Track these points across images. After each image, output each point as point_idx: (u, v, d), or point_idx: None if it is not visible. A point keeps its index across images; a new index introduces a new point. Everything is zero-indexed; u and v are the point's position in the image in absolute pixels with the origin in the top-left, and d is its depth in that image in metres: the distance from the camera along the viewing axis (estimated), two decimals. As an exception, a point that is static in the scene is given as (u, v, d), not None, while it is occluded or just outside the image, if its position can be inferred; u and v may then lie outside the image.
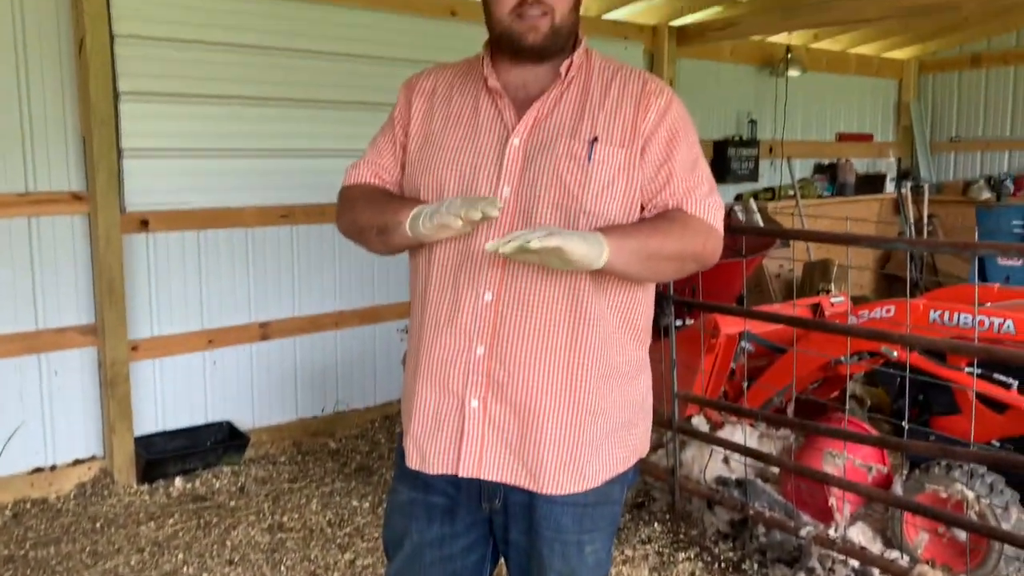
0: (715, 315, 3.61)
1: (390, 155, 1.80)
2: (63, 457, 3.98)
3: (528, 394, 1.62)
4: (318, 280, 4.64)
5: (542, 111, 1.66)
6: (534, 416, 1.62)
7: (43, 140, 3.79)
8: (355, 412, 4.83)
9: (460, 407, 1.64)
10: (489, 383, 1.63)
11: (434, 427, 1.67)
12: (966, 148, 8.21)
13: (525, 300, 1.61)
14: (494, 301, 1.62)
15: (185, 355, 4.25)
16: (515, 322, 1.61)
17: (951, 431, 3.34)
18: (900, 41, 7.80)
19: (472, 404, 1.63)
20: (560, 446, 1.63)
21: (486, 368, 1.62)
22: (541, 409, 1.62)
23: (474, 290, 1.62)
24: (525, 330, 1.61)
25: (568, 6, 1.65)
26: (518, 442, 1.64)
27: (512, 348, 1.61)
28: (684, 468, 3.56)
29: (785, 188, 7.29)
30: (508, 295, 1.61)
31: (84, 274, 3.94)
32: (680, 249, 1.61)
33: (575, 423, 1.64)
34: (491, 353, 1.62)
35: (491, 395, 1.63)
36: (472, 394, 1.63)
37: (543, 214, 1.60)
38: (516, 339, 1.61)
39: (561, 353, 1.63)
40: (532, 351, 1.62)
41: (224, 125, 4.18)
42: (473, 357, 1.63)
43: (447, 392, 1.66)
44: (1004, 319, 3.18)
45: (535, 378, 1.62)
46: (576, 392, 1.64)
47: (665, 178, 1.64)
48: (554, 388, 1.63)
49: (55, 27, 3.76)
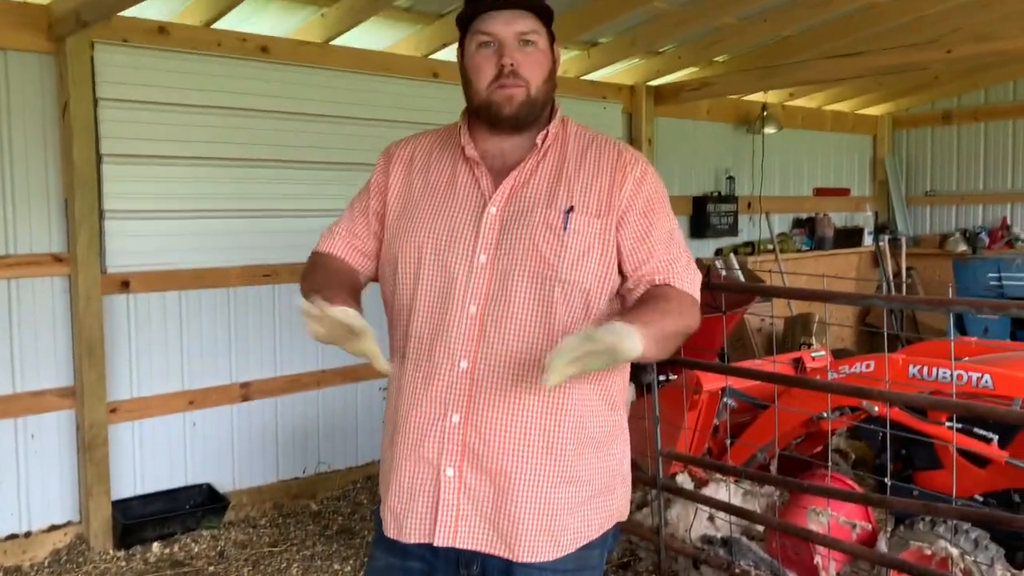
0: (697, 371, 3.61)
1: (362, 224, 1.82)
2: (38, 523, 3.91)
3: (503, 462, 1.61)
4: (300, 339, 4.62)
5: (519, 180, 1.69)
6: (509, 484, 1.61)
7: (25, 202, 3.80)
8: (337, 473, 4.77)
9: (435, 476, 1.64)
10: (464, 451, 1.62)
11: (409, 496, 1.66)
12: (941, 202, 8.36)
13: (500, 368, 1.61)
14: (470, 368, 1.62)
15: (165, 416, 4.21)
16: (490, 390, 1.61)
17: (934, 486, 3.34)
18: (874, 98, 7.98)
19: (447, 473, 1.63)
20: (535, 514, 1.62)
21: (461, 436, 1.62)
22: (516, 477, 1.62)
23: (450, 358, 1.63)
24: (500, 398, 1.61)
25: (542, 77, 1.68)
26: (493, 511, 1.62)
27: (487, 416, 1.61)
28: (670, 527, 3.53)
29: (764, 242, 7.37)
30: (484, 363, 1.62)
31: (63, 336, 3.91)
32: (684, 328, 1.65)
33: (550, 491, 1.63)
34: (467, 421, 1.62)
35: (466, 464, 1.62)
36: (447, 463, 1.63)
37: (519, 283, 1.62)
38: (491, 407, 1.61)
39: (536, 421, 1.62)
40: (507, 419, 1.61)
41: (206, 186, 4.21)
42: (448, 425, 1.62)
43: (422, 461, 1.65)
44: (982, 374, 3.21)
45: (510, 446, 1.61)
46: (551, 460, 1.63)
47: (648, 252, 1.67)
48: (529, 456, 1.62)
49: (39, 90, 3.80)
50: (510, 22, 1.64)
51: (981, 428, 3.22)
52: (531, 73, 1.66)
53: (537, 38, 1.67)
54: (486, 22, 1.65)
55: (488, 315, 1.62)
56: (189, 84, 4.11)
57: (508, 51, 1.64)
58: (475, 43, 1.67)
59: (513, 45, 1.65)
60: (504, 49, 1.64)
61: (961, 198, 8.22)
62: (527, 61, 1.66)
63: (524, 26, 1.65)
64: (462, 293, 1.63)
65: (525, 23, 1.65)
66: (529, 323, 1.61)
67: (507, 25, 1.64)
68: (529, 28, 1.66)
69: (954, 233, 8.11)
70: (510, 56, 1.64)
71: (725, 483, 3.51)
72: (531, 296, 1.62)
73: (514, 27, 1.65)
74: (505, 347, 1.61)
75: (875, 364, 3.46)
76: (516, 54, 1.64)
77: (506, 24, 1.64)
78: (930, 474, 3.43)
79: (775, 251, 7.27)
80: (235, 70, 4.26)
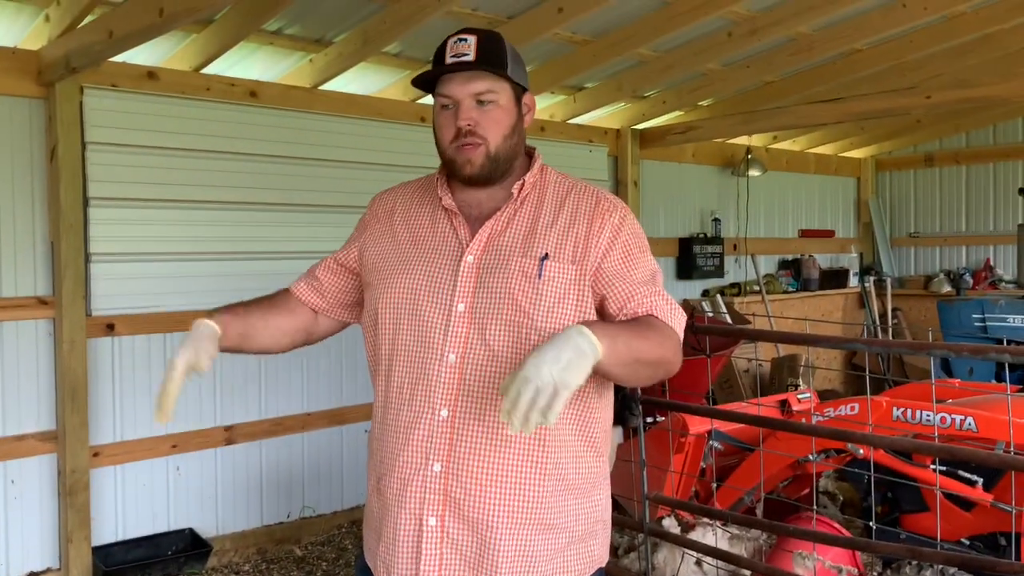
0: (683, 414, 3.61)
1: (325, 269, 1.92)
2: (16, 570, 3.84)
3: (485, 511, 1.61)
4: (285, 382, 4.60)
5: (495, 229, 1.71)
6: (491, 532, 1.61)
7: (11, 245, 3.80)
8: (322, 517, 4.73)
9: (418, 526, 1.63)
10: (446, 501, 1.62)
11: (393, 546, 1.66)
12: (925, 243, 8.45)
13: (481, 416, 1.62)
14: (450, 417, 1.62)
15: (148, 460, 4.17)
16: (471, 438, 1.62)
17: (920, 529, 3.34)
18: (857, 141, 8.10)
19: (430, 522, 1.62)
20: (515, 562, 1.62)
21: (443, 486, 1.62)
22: (498, 525, 1.61)
23: (430, 407, 1.64)
24: (481, 446, 1.61)
25: (502, 134, 1.70)
26: (476, 558, 1.62)
27: (468, 465, 1.61)
28: (656, 572, 3.50)
29: (751, 284, 7.41)
30: (464, 411, 1.62)
31: (47, 379, 3.89)
32: (660, 358, 1.61)
33: (532, 538, 1.63)
34: (447, 470, 1.62)
35: (448, 512, 1.62)
36: (429, 512, 1.62)
37: (496, 330, 1.63)
38: (472, 455, 1.61)
39: (518, 468, 1.62)
40: (488, 467, 1.62)
41: (192, 229, 4.22)
42: (430, 474, 1.63)
43: (405, 511, 1.65)
44: (965, 416, 3.22)
45: (492, 494, 1.61)
46: (533, 507, 1.63)
47: (630, 291, 1.66)
48: (511, 504, 1.62)
49: (28, 134, 3.82)
50: (465, 84, 1.67)
51: (966, 471, 3.23)
52: (489, 131, 1.68)
53: (495, 96, 1.69)
54: (444, 85, 1.69)
55: (467, 364, 1.63)
56: (177, 128, 4.14)
57: (464, 112, 1.67)
58: (439, 104, 1.71)
59: (470, 105, 1.67)
60: (460, 110, 1.67)
61: (944, 239, 8.31)
62: (484, 119, 1.68)
63: (480, 87, 1.67)
64: (441, 342, 1.64)
65: (481, 84, 1.67)
66: (507, 371, 1.61)
67: (462, 87, 1.67)
68: (485, 88, 1.68)
69: (938, 274, 8.19)
70: (466, 117, 1.67)
71: (712, 527, 3.49)
72: (508, 344, 1.63)
73: (469, 88, 1.67)
74: (484, 395, 1.62)
75: (859, 407, 3.47)
76: (472, 113, 1.67)
77: (461, 86, 1.67)
78: (917, 517, 3.42)
79: (762, 292, 7.31)
80: (224, 114, 4.30)
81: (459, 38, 1.68)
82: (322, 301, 1.91)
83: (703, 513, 3.54)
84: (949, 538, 3.27)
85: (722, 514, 3.37)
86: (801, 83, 5.71)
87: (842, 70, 5.48)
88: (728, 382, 6.55)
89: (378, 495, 1.72)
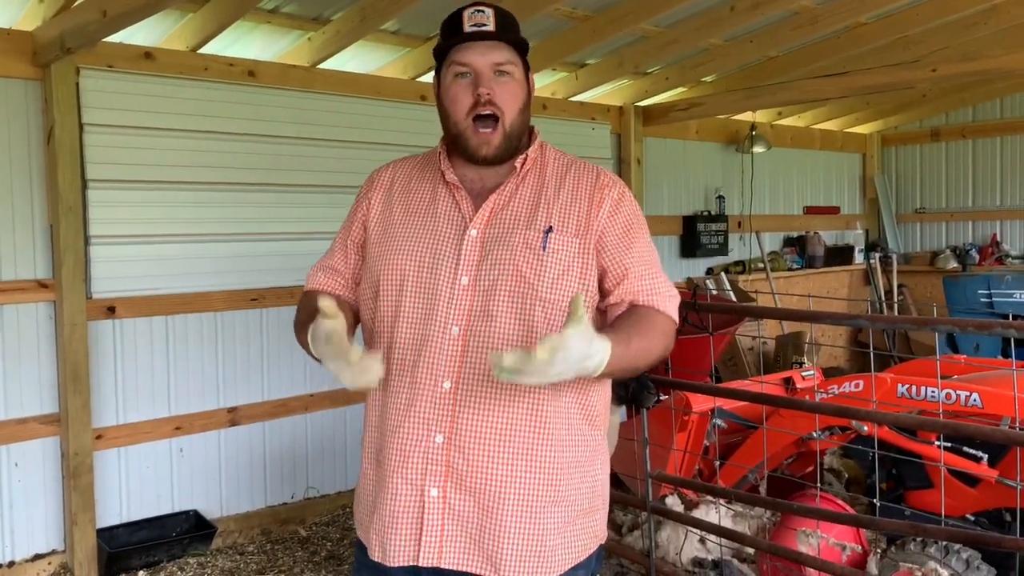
0: (686, 392, 3.60)
1: (342, 259, 1.84)
2: (22, 552, 3.86)
3: (488, 482, 1.61)
4: (288, 363, 4.60)
5: (498, 203, 1.71)
6: (494, 504, 1.61)
7: (9, 228, 3.78)
8: (326, 498, 4.73)
9: (419, 497, 1.63)
10: (448, 472, 1.62)
11: (392, 518, 1.65)
12: (931, 219, 8.39)
13: (483, 388, 1.61)
14: (453, 389, 1.62)
15: (151, 443, 4.18)
16: (474, 410, 1.61)
17: (925, 505, 3.32)
18: (862, 117, 8.03)
19: (431, 493, 1.62)
20: (521, 534, 1.62)
21: (445, 457, 1.62)
22: (501, 497, 1.61)
23: (433, 378, 1.64)
24: (484, 418, 1.61)
25: (517, 108, 1.71)
26: (478, 531, 1.62)
27: (471, 436, 1.61)
28: (660, 549, 3.50)
29: (755, 261, 7.38)
30: (467, 383, 1.62)
31: (48, 362, 3.89)
32: (657, 350, 1.66)
33: (535, 511, 1.63)
34: (450, 442, 1.62)
35: (450, 484, 1.62)
36: (431, 483, 1.62)
37: (501, 303, 1.63)
38: (475, 427, 1.61)
39: (521, 440, 1.63)
40: (491, 439, 1.62)
41: (191, 211, 4.20)
42: (432, 446, 1.63)
43: (406, 482, 1.64)
44: (971, 392, 3.20)
45: (495, 466, 1.61)
46: (536, 479, 1.64)
47: (625, 270, 1.68)
48: (514, 476, 1.62)
49: (24, 116, 3.79)
50: (486, 53, 1.67)
51: (971, 447, 3.21)
52: (506, 103, 1.69)
53: (513, 69, 1.70)
54: (462, 53, 1.68)
55: (470, 336, 1.63)
56: (175, 109, 4.11)
57: (484, 81, 1.67)
58: (451, 73, 1.70)
59: (489, 76, 1.67)
60: (480, 79, 1.67)
61: (951, 215, 8.25)
62: (503, 91, 1.68)
63: (500, 57, 1.68)
64: (444, 314, 1.64)
65: (501, 54, 1.68)
66: (511, 342, 1.62)
67: (483, 56, 1.67)
68: (505, 59, 1.68)
69: (944, 250, 8.14)
70: (486, 86, 1.66)
71: (715, 505, 3.49)
72: (513, 316, 1.63)
73: (490, 58, 1.67)
74: (487, 367, 1.61)
75: (864, 384, 3.44)
76: (492, 85, 1.67)
77: (482, 55, 1.67)
78: (921, 493, 3.41)
79: (766, 270, 7.27)
80: (222, 94, 4.26)
81: (476, 9, 1.68)
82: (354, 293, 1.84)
83: (706, 491, 3.53)
84: (954, 514, 3.25)
85: (725, 492, 3.37)
86: (805, 58, 5.64)
87: (846, 44, 5.41)
88: (732, 360, 6.54)
89: (376, 467, 1.71)
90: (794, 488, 3.61)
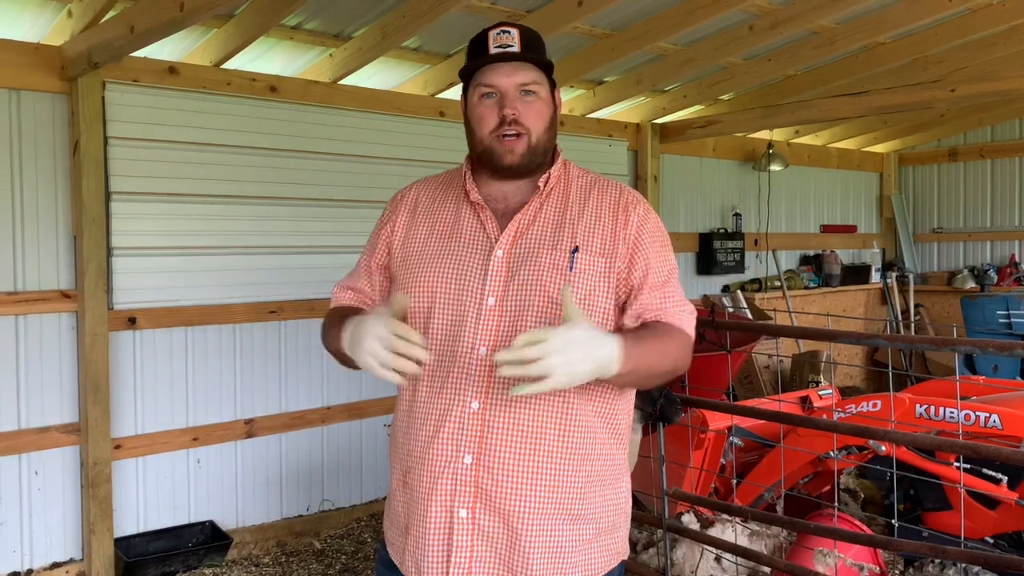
0: (703, 410, 3.60)
1: (366, 282, 1.86)
2: (40, 560, 3.89)
3: (515, 501, 1.62)
4: (305, 375, 4.62)
5: (523, 222, 1.72)
6: (521, 523, 1.62)
7: (34, 239, 3.83)
8: (341, 511, 4.74)
9: (448, 518, 1.64)
10: (477, 493, 1.63)
11: (423, 539, 1.66)
12: (949, 239, 8.36)
13: (513, 407, 1.62)
14: (481, 409, 1.63)
15: (169, 453, 4.20)
16: (503, 430, 1.62)
17: (943, 527, 3.31)
18: (880, 136, 8.02)
19: (460, 514, 1.63)
20: (547, 552, 1.63)
21: (474, 477, 1.63)
22: (528, 516, 1.62)
23: (461, 399, 1.64)
24: (513, 437, 1.62)
25: (544, 125, 1.73)
26: (507, 550, 1.63)
27: (500, 456, 1.62)
28: (675, 568, 3.49)
29: (772, 279, 7.36)
30: (495, 403, 1.63)
31: (69, 372, 3.92)
32: (672, 365, 1.67)
33: (561, 529, 1.64)
34: (479, 462, 1.62)
35: (479, 504, 1.63)
36: (460, 504, 1.63)
37: (529, 324, 1.64)
38: (504, 447, 1.62)
39: (549, 459, 1.64)
40: (520, 458, 1.62)
41: (213, 224, 4.24)
42: (461, 467, 1.63)
43: (435, 503, 1.65)
44: (990, 414, 3.18)
45: (522, 485, 1.62)
46: (563, 497, 1.65)
47: (648, 288, 1.70)
48: (541, 494, 1.63)
49: (50, 130, 3.85)
50: (511, 74, 1.69)
51: (990, 469, 3.19)
52: (532, 122, 1.70)
53: (538, 88, 1.71)
54: (488, 74, 1.70)
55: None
56: (198, 123, 4.16)
57: (509, 102, 1.69)
58: (478, 94, 1.72)
59: (514, 96, 1.69)
60: (506, 100, 1.69)
61: (969, 235, 8.21)
62: (528, 111, 1.70)
63: (525, 78, 1.70)
64: (472, 335, 1.65)
65: (526, 75, 1.70)
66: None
67: (508, 77, 1.69)
68: (530, 80, 1.70)
69: (962, 270, 8.10)
70: (511, 107, 1.68)
71: (732, 523, 3.47)
72: None
73: (515, 79, 1.69)
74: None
75: (881, 403, 3.44)
76: (517, 104, 1.69)
77: (507, 76, 1.69)
78: (939, 515, 3.39)
79: (782, 288, 7.26)
80: (244, 109, 4.32)
81: (502, 30, 1.70)
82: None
83: (723, 509, 3.52)
84: (973, 536, 3.23)
85: (742, 510, 3.36)
86: (823, 77, 5.66)
87: (865, 63, 5.42)
88: (748, 378, 6.51)
89: (404, 489, 1.71)
90: (810, 507, 3.59)
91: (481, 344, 1.64)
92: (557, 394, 1.62)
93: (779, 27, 4.59)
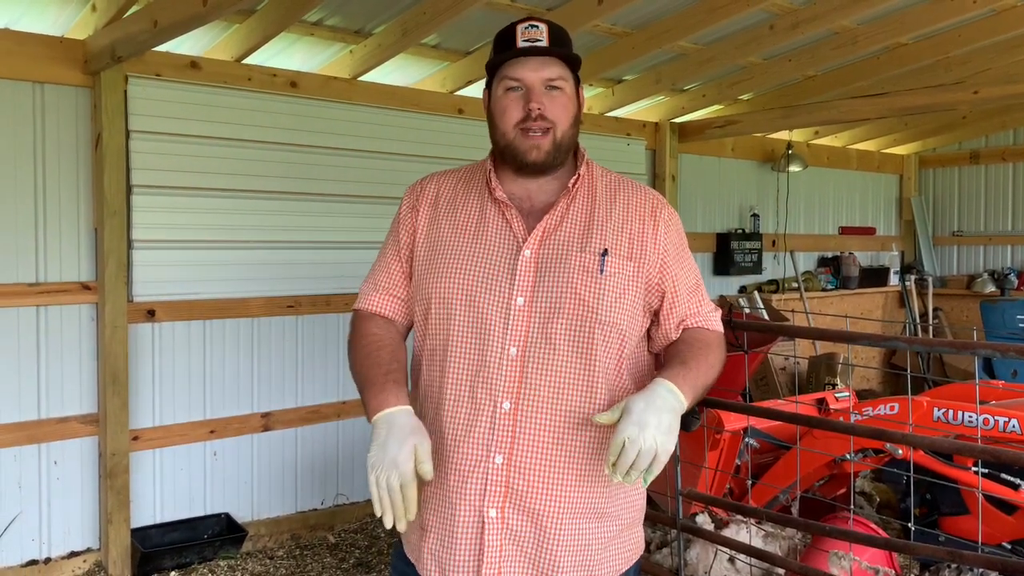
0: (719, 410, 3.58)
1: (398, 272, 1.81)
2: (58, 549, 3.93)
3: (546, 501, 1.63)
4: (321, 370, 4.65)
5: (550, 223, 1.71)
6: (551, 522, 1.63)
7: (56, 231, 3.87)
8: (355, 505, 4.77)
9: (478, 518, 1.63)
10: (507, 492, 1.63)
11: (451, 539, 1.65)
12: (969, 242, 8.29)
13: (543, 408, 1.63)
14: (512, 410, 1.63)
15: (186, 445, 4.24)
16: (533, 429, 1.63)
17: (960, 532, 3.28)
18: (900, 138, 7.96)
19: (490, 514, 1.63)
20: (574, 550, 1.65)
21: (504, 478, 1.63)
22: (558, 515, 1.63)
23: (492, 400, 1.64)
24: (543, 437, 1.63)
25: (569, 121, 1.72)
26: (535, 550, 1.63)
27: (530, 456, 1.63)
28: (689, 568, 3.48)
29: (789, 280, 7.33)
30: (526, 404, 1.63)
31: (89, 363, 3.96)
32: (719, 373, 1.73)
33: (588, 527, 1.66)
34: (509, 462, 1.63)
35: (509, 504, 1.63)
36: (490, 504, 1.63)
37: (560, 327, 1.64)
38: (534, 447, 1.63)
39: (578, 460, 1.65)
40: (550, 458, 1.63)
41: (232, 218, 4.27)
42: (492, 467, 1.63)
43: (465, 503, 1.64)
44: (1009, 418, 3.16)
45: (553, 484, 1.63)
46: (590, 496, 1.66)
47: (682, 295, 1.74)
48: (571, 493, 1.64)
49: (73, 123, 3.88)
50: (538, 68, 1.68)
51: (1008, 474, 3.16)
52: (558, 116, 1.69)
53: (564, 84, 1.71)
54: (514, 68, 1.69)
55: (528, 357, 1.64)
56: (219, 118, 4.19)
57: (535, 96, 1.68)
58: (503, 87, 1.71)
59: (540, 90, 1.68)
60: (531, 94, 1.68)
61: (989, 239, 8.14)
62: (554, 105, 1.69)
63: (552, 72, 1.69)
64: (500, 335, 1.64)
65: (553, 70, 1.69)
66: (570, 364, 1.64)
67: (535, 71, 1.68)
68: (556, 75, 1.69)
69: (982, 274, 8.03)
70: (537, 101, 1.67)
71: (746, 525, 3.46)
72: (572, 338, 1.64)
73: (542, 73, 1.68)
74: (547, 388, 1.63)
75: (899, 406, 3.41)
76: (543, 99, 1.68)
77: (534, 70, 1.68)
78: (956, 519, 3.36)
79: (800, 290, 7.22)
80: (264, 104, 4.34)
81: (530, 24, 1.69)
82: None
83: (737, 510, 3.51)
84: (990, 542, 3.20)
85: (756, 512, 3.34)
86: (844, 77, 5.62)
87: (886, 64, 5.38)
88: (764, 379, 6.49)
89: (434, 489, 1.68)
90: (825, 510, 3.57)
91: (511, 344, 1.64)
92: (586, 395, 1.64)
93: (800, 27, 4.56)
